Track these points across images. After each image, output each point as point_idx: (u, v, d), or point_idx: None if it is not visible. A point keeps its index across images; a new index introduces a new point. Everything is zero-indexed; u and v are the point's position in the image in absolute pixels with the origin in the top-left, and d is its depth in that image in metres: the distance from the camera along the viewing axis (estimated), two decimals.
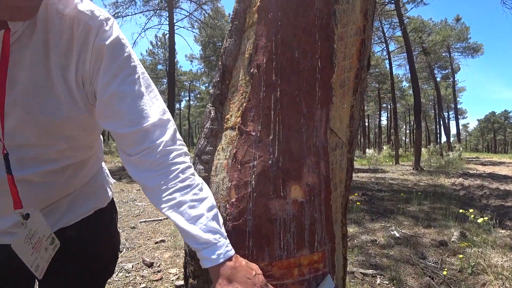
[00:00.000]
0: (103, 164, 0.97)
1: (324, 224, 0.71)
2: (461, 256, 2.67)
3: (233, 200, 0.69)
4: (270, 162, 0.68)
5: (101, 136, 0.87)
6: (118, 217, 4.44)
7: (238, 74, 0.85)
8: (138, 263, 2.70)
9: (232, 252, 0.60)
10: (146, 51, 28.72)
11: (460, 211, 3.86)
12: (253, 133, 0.72)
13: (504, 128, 62.23)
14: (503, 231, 3.43)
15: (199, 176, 0.81)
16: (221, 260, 0.58)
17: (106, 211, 0.90)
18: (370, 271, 2.47)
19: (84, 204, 0.82)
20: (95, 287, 0.87)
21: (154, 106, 0.65)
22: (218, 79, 0.89)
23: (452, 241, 3.15)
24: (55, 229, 0.76)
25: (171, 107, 11.42)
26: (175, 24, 14.29)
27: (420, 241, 3.22)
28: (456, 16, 25.07)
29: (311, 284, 0.72)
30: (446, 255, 2.82)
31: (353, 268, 2.54)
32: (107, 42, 0.60)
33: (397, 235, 3.35)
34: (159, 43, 26.42)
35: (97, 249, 0.85)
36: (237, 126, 0.76)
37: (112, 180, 1.04)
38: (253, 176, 0.68)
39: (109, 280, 2.38)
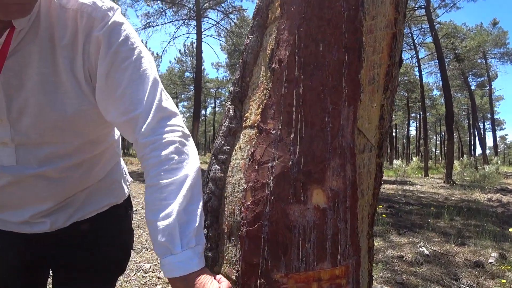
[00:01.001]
0: (121, 161, 0.97)
1: (348, 234, 0.63)
2: (504, 280, 2.42)
3: (249, 203, 0.64)
4: (290, 163, 0.62)
5: (117, 132, 0.86)
6: (140, 217, 4.52)
7: (259, 71, 0.80)
8: (156, 264, 2.72)
9: (177, 273, 0.54)
10: (175, 59, 29.81)
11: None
12: (273, 132, 0.67)
13: None
14: None
15: (215, 175, 0.77)
16: (167, 277, 0.56)
17: (122, 208, 0.89)
18: None
19: (99, 200, 0.82)
20: (107, 283, 0.86)
21: (145, 92, 0.61)
22: (238, 76, 0.85)
23: (490, 263, 2.87)
24: (70, 222, 0.76)
25: (197, 113, 11.70)
26: (203, 32, 14.72)
27: (452, 260, 2.97)
28: (492, 20, 23.65)
29: None
30: (483, 277, 2.57)
31: (377, 285, 2.38)
32: (104, 30, 0.59)
33: (426, 252, 3.11)
34: (187, 51, 27.32)
35: (110, 245, 0.85)
36: (256, 124, 0.71)
37: (130, 179, 1.03)
38: (271, 178, 0.62)
39: (126, 279, 2.42)
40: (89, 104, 0.63)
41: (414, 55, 18.91)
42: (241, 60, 0.86)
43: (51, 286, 0.85)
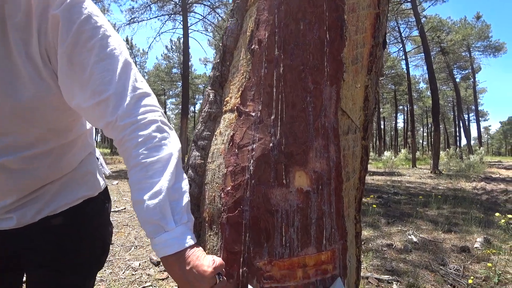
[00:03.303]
0: (97, 152, 0.92)
1: (334, 218, 0.61)
2: (489, 264, 2.48)
3: (229, 188, 0.61)
4: (271, 145, 0.59)
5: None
6: (129, 216, 4.45)
7: (240, 54, 0.77)
8: (145, 262, 2.67)
9: (171, 250, 0.53)
10: (162, 55, 29.31)
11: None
12: (253, 114, 0.64)
13: None
14: None
15: (195, 162, 0.74)
16: (160, 256, 0.55)
17: (98, 201, 0.85)
18: (386, 277, 2.32)
19: (72, 192, 0.77)
20: (85, 279, 0.82)
21: (116, 72, 0.57)
22: (218, 60, 0.81)
23: (475, 248, 2.94)
24: (39, 217, 0.71)
25: (185, 110, 11.52)
26: (189, 27, 14.44)
27: (440, 246, 3.03)
28: (476, 14, 24.14)
29: None
30: (469, 262, 2.63)
31: (367, 273, 2.40)
32: (62, 8, 0.54)
33: (415, 239, 3.17)
34: (173, 47, 26.85)
35: (86, 239, 0.80)
36: (235, 107, 0.68)
37: (107, 171, 0.98)
38: (252, 161, 0.59)
39: (114, 278, 2.37)
40: (48, 90, 0.58)
41: (401, 49, 19.15)
42: (221, 44, 0.82)
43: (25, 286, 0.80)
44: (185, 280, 0.54)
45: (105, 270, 2.42)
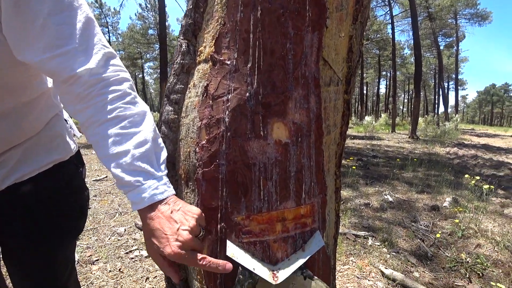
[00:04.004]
0: (65, 113, 0.85)
1: (313, 171, 0.60)
2: (457, 220, 2.68)
3: (204, 142, 0.57)
4: (247, 95, 0.55)
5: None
6: (112, 184, 4.40)
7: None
8: (130, 227, 2.69)
9: (162, 195, 0.53)
10: (136, 15, 27.18)
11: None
12: (228, 62, 0.58)
13: (503, 101, 62.03)
14: (494, 199, 3.44)
15: (168, 117, 0.69)
16: (146, 205, 0.52)
17: (70, 165, 0.80)
18: (362, 233, 2.47)
19: (39, 157, 0.72)
20: (62, 244, 0.79)
21: (77, 27, 0.52)
22: (191, 6, 0.73)
23: (444, 206, 3.15)
24: (6, 184, 0.67)
25: (164, 74, 10.96)
26: None
27: (413, 205, 3.23)
28: None
29: (297, 242, 0.62)
30: (438, 219, 2.83)
31: (345, 229, 2.54)
32: None
33: (391, 199, 3.35)
34: (148, 6, 24.88)
35: (60, 206, 0.76)
36: (209, 56, 0.62)
37: (78, 133, 0.92)
38: (227, 112, 0.55)
39: (100, 244, 2.38)
40: None
41: (388, 12, 18.69)
42: None
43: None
44: (173, 221, 0.52)
45: (90, 237, 2.42)
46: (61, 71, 0.52)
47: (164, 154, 0.58)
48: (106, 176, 4.23)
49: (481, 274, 1.90)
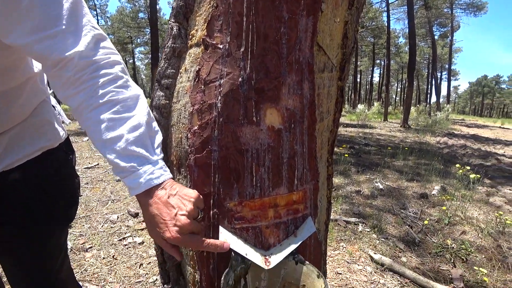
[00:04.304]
0: (52, 99, 0.82)
1: (306, 158, 0.60)
2: (444, 208, 2.75)
3: (195, 128, 0.56)
4: (240, 79, 0.54)
5: (39, 64, 0.71)
6: (103, 171, 4.34)
7: None
8: (123, 214, 2.69)
9: (158, 180, 0.52)
10: None
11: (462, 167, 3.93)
12: (221, 46, 0.57)
13: (493, 92, 62.84)
14: (480, 188, 3.54)
15: (159, 103, 0.68)
16: (142, 190, 0.51)
17: (60, 152, 0.78)
18: (353, 219, 2.52)
19: (27, 144, 0.70)
20: (54, 233, 0.79)
21: (64, 7, 0.50)
22: None
23: (433, 194, 3.23)
24: None
25: (155, 58, 10.69)
26: None
27: (402, 193, 3.29)
28: None
29: (289, 228, 0.63)
30: (426, 206, 2.90)
31: (336, 216, 2.58)
32: None
33: (381, 187, 3.41)
34: None
35: (50, 194, 0.75)
36: (201, 39, 0.60)
37: (67, 120, 0.90)
38: (219, 98, 0.54)
39: (93, 232, 2.38)
40: None
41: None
42: None
43: None
44: (171, 207, 0.51)
45: (83, 225, 2.42)
46: (49, 54, 0.50)
47: (159, 138, 0.58)
48: (98, 164, 4.18)
49: (465, 259, 1.97)
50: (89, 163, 4.21)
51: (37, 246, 0.74)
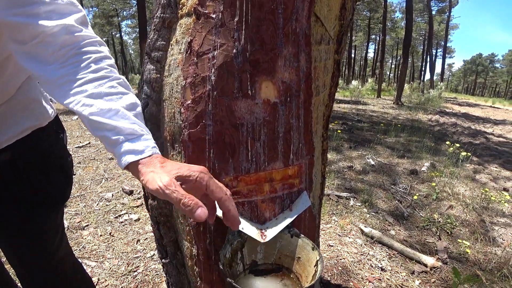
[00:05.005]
0: None
1: (302, 133, 0.59)
2: (433, 184, 2.83)
3: (189, 102, 0.55)
4: (234, 51, 0.52)
5: None
6: (95, 150, 4.29)
7: None
8: (118, 192, 2.69)
9: (156, 149, 0.49)
10: None
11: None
12: (213, 15, 0.54)
13: (487, 71, 62.78)
14: (468, 165, 3.63)
15: (150, 77, 0.66)
16: (147, 155, 0.47)
17: (50, 131, 0.76)
18: (344, 194, 2.58)
19: (14, 123, 0.68)
20: (50, 212, 0.78)
21: None
22: None
23: (422, 171, 3.31)
24: None
25: (143, 33, 10.21)
26: None
27: (393, 169, 3.36)
28: None
29: (285, 202, 0.64)
30: (416, 182, 2.98)
31: (328, 191, 2.64)
32: None
33: (373, 163, 3.47)
34: None
35: (42, 174, 0.74)
36: (193, 9, 0.57)
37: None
38: (213, 70, 0.52)
39: (89, 210, 2.38)
40: None
41: None
42: None
43: None
44: (168, 165, 0.46)
45: (78, 204, 2.42)
46: (33, 27, 0.47)
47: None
48: (89, 143, 4.13)
49: (450, 233, 2.06)
50: (80, 142, 4.15)
51: (34, 227, 0.74)
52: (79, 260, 0.95)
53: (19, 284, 0.86)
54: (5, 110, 0.66)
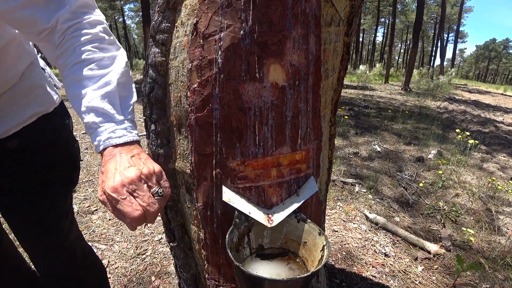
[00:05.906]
0: (41, 62, 0.78)
1: (310, 117, 0.58)
2: (440, 172, 2.80)
3: (195, 85, 0.54)
4: (242, 33, 0.50)
5: None
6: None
7: None
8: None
9: (119, 140, 0.50)
10: None
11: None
12: None
13: (500, 57, 60.58)
14: (475, 153, 3.58)
15: (155, 60, 0.64)
16: (101, 149, 0.50)
17: (55, 117, 0.76)
18: (350, 180, 2.58)
19: (19, 110, 0.68)
20: (58, 198, 0.79)
21: None
22: None
23: (429, 158, 3.27)
24: None
25: (146, 16, 10.04)
26: None
27: (399, 156, 3.34)
28: None
29: (292, 187, 0.64)
30: (422, 170, 2.96)
31: (334, 177, 2.64)
32: None
33: (379, 149, 3.44)
34: None
35: (49, 159, 0.75)
36: None
37: (59, 83, 0.87)
38: (220, 53, 0.51)
39: (97, 195, 2.44)
40: None
41: None
42: None
43: None
44: (127, 162, 0.47)
45: (87, 189, 2.46)
46: (36, 21, 0.49)
47: (132, 100, 0.56)
48: None
49: (454, 221, 2.06)
50: None
51: (43, 212, 0.76)
52: (89, 243, 0.98)
53: (32, 266, 0.88)
54: (9, 97, 0.66)
